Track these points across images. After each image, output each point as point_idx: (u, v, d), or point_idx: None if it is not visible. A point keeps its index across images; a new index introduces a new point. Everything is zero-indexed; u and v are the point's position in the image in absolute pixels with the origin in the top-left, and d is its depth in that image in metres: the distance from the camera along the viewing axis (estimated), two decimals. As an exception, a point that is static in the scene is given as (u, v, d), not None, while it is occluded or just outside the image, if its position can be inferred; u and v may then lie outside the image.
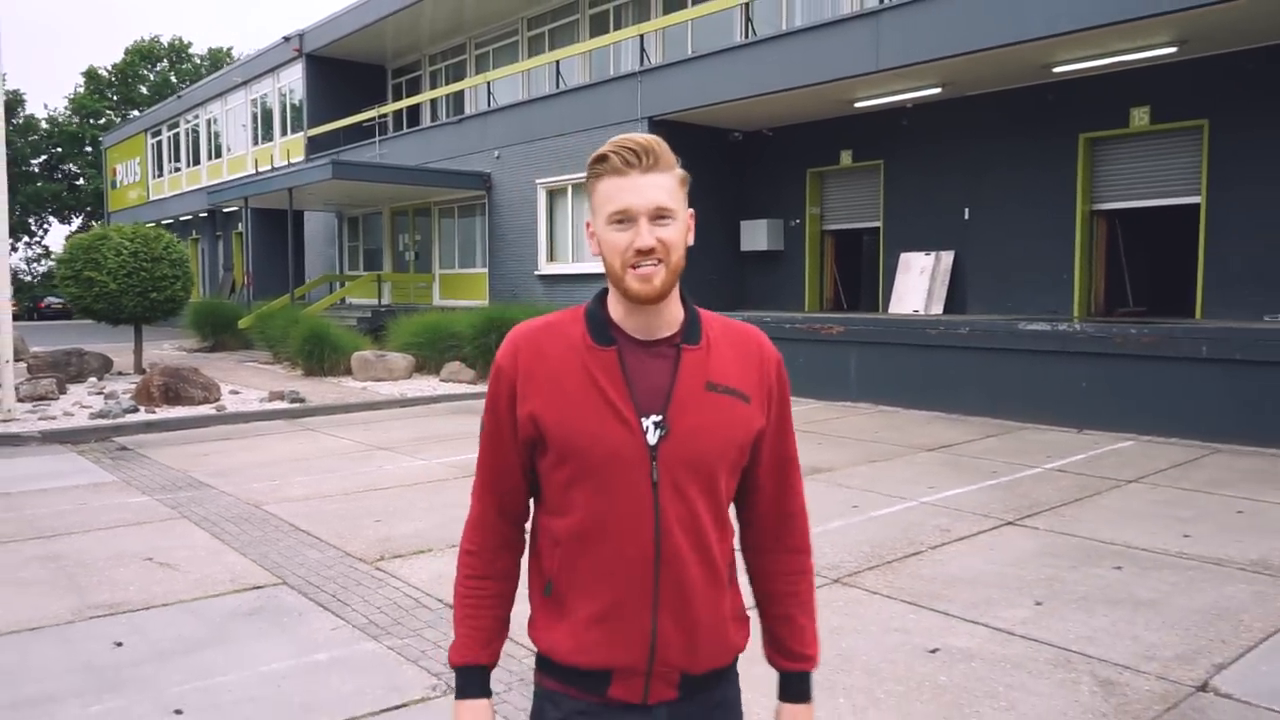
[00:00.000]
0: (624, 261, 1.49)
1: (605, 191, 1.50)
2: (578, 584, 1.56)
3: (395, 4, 22.24)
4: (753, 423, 1.60)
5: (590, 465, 1.51)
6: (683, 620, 1.55)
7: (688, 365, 1.55)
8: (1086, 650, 4.21)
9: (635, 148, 1.50)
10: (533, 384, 1.55)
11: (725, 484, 1.60)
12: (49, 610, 4.66)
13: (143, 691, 3.72)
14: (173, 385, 11.89)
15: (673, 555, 1.53)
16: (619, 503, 1.52)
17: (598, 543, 1.53)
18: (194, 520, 6.48)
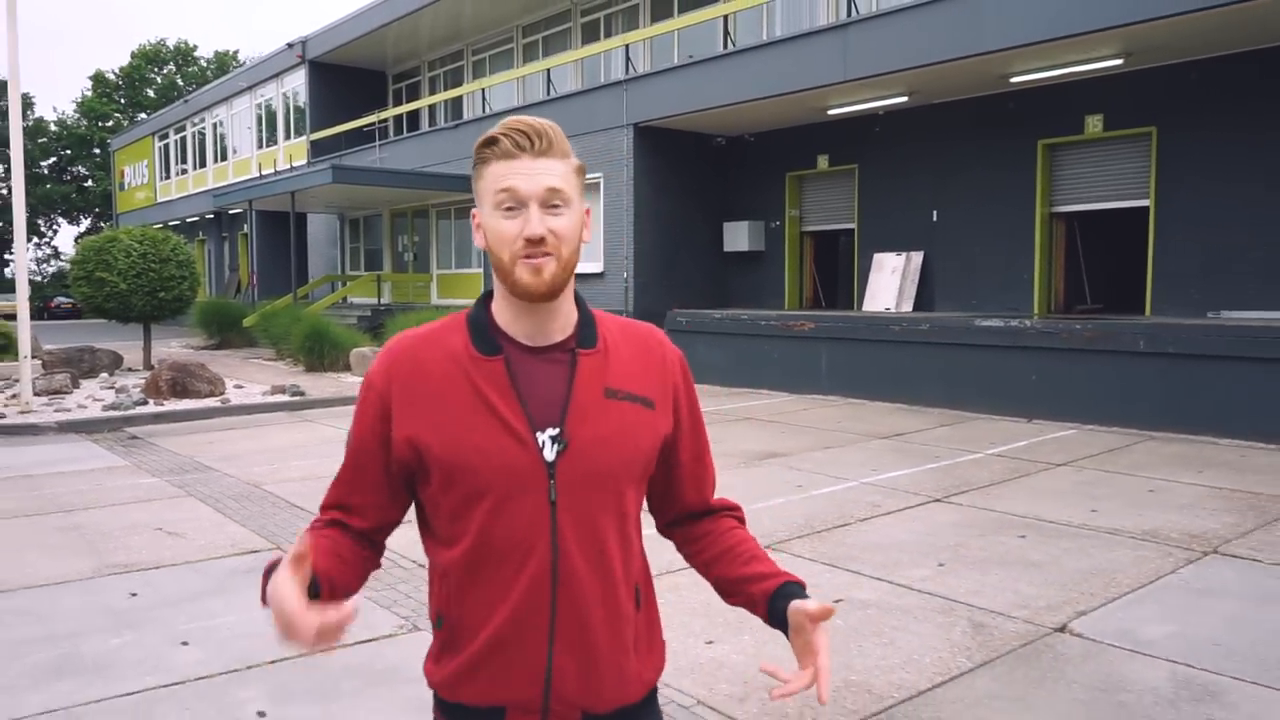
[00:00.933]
0: (513, 253, 1.36)
1: (493, 174, 1.38)
2: (468, 615, 1.42)
3: (395, 12, 22.93)
4: (659, 429, 1.50)
5: (480, 488, 1.38)
6: (581, 652, 1.42)
7: (584, 371, 1.43)
8: (970, 601, 4.86)
9: (527, 130, 1.38)
10: (410, 404, 1.40)
11: (633, 497, 1.49)
12: (73, 568, 5.35)
13: (155, 629, 4.40)
14: (180, 379, 12.59)
15: (571, 581, 1.40)
16: (514, 526, 1.38)
17: (489, 570, 1.40)
18: (199, 498, 7.17)
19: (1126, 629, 4.45)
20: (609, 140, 16.05)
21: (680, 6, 18.12)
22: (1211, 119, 11.13)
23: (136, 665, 3.96)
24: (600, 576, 1.43)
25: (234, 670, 3.90)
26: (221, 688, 3.75)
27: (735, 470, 8.05)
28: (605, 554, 1.43)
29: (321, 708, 3.59)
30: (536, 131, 1.38)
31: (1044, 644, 4.30)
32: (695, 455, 1.61)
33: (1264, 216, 10.71)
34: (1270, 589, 4.99)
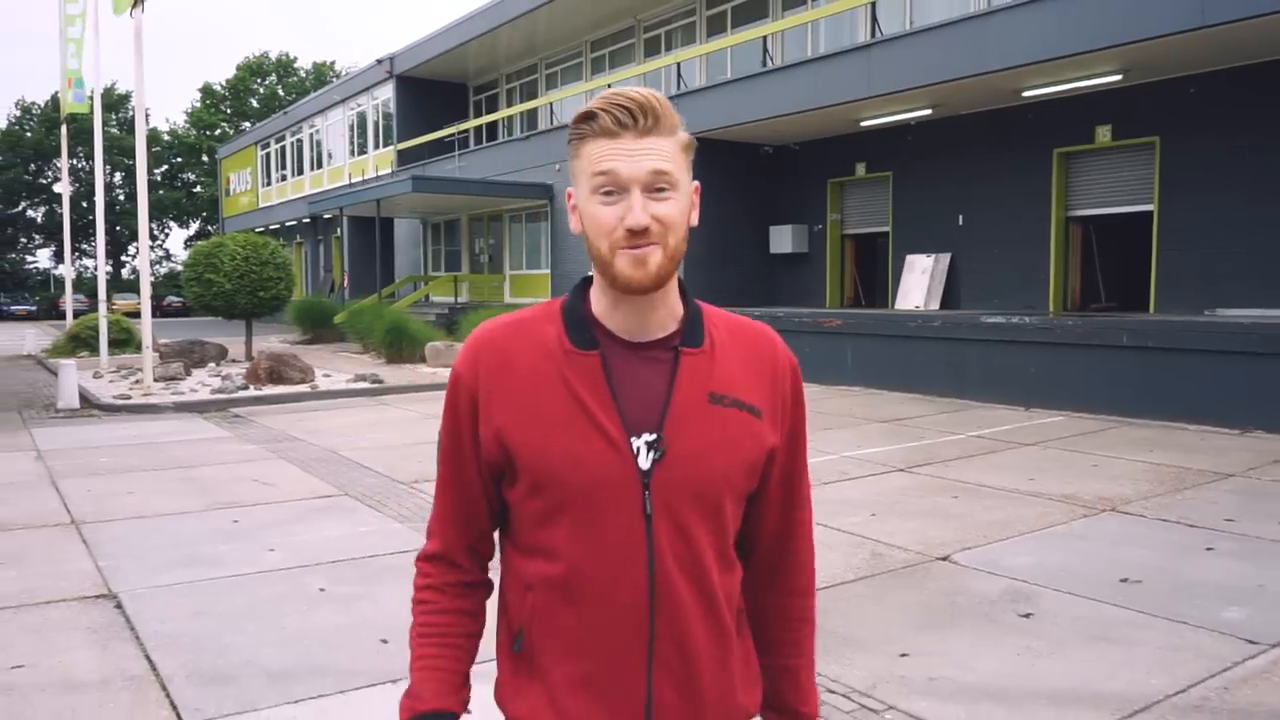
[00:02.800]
0: (612, 243, 1.24)
1: (591, 155, 1.25)
2: (555, 639, 1.30)
3: (476, 30, 24.65)
4: (764, 441, 1.35)
5: (569, 496, 1.26)
6: (684, 683, 1.29)
7: (687, 372, 1.30)
8: (881, 539, 6.06)
9: (630, 105, 1.24)
10: (498, 398, 1.30)
11: (731, 514, 1.35)
12: (190, 505, 6.94)
13: (250, 542, 5.91)
14: (276, 368, 14.36)
15: (671, 603, 1.27)
16: (605, 541, 1.26)
17: (579, 589, 1.28)
18: (288, 459, 8.77)
19: (994, 559, 5.60)
20: (661, 151, 17.35)
21: (733, 22, 19.35)
22: (1208, 130, 11.91)
23: (236, 561, 5.47)
24: (702, 598, 1.29)
25: (304, 565, 5.38)
26: (295, 575, 5.22)
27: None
28: (705, 573, 1.30)
29: (364, 588, 5.03)
30: (640, 106, 1.24)
31: (921, 568, 5.49)
32: (788, 480, 1.43)
33: (1257, 221, 11.47)
34: (1133, 534, 6.07)
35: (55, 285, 53.73)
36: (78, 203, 50.06)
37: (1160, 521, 6.36)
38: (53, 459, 8.78)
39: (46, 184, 58.70)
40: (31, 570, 5.31)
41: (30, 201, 59.55)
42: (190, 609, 4.67)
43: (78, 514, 6.63)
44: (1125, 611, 4.67)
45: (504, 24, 23.47)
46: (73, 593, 4.93)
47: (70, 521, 6.44)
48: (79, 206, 50.23)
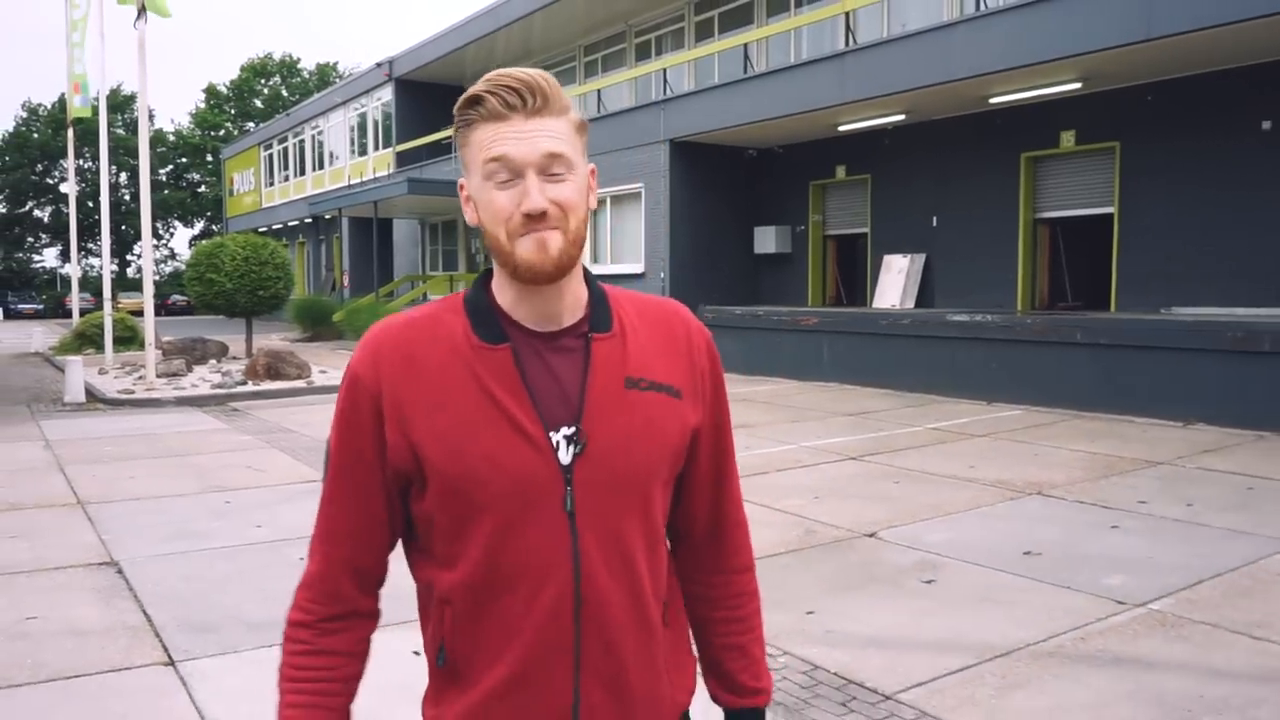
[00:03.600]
0: (509, 230, 1.17)
1: (480, 141, 1.18)
2: (478, 647, 1.24)
3: (473, 34, 25.21)
4: (687, 421, 1.30)
5: (487, 499, 1.19)
6: (612, 682, 1.24)
7: (600, 359, 1.24)
8: (818, 518, 6.61)
9: (517, 85, 1.16)
10: (405, 400, 1.20)
11: (660, 501, 1.30)
12: (185, 487, 7.51)
13: (239, 519, 6.49)
14: (274, 365, 14.95)
15: (597, 602, 1.22)
16: (527, 543, 1.20)
17: (501, 594, 1.21)
18: (280, 449, 9.34)
19: (916, 535, 6.15)
20: (650, 154, 17.93)
21: (720, 28, 19.90)
22: (1165, 135, 12.43)
23: (225, 536, 6.05)
24: (628, 594, 1.25)
25: (286, 539, 5.94)
26: (278, 546, 5.79)
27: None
28: (633, 568, 1.26)
29: (339, 558, 5.59)
30: (528, 86, 1.17)
31: (848, 543, 6.04)
32: (716, 457, 1.39)
33: (1210, 223, 11.99)
34: (1049, 514, 6.61)
35: (61, 284, 54.47)
36: (83, 202, 50.78)
37: (1078, 504, 6.90)
38: (60, 448, 9.37)
39: (53, 184, 59.48)
40: (42, 542, 5.90)
41: (37, 201, 60.30)
42: (182, 574, 5.24)
43: (83, 495, 7.22)
44: (1018, 579, 5.21)
45: (500, 28, 24.03)
46: (79, 560, 5.51)
47: (76, 502, 7.02)
48: (84, 206, 50.93)
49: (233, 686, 3.79)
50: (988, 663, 4.09)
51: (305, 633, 1.28)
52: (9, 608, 4.69)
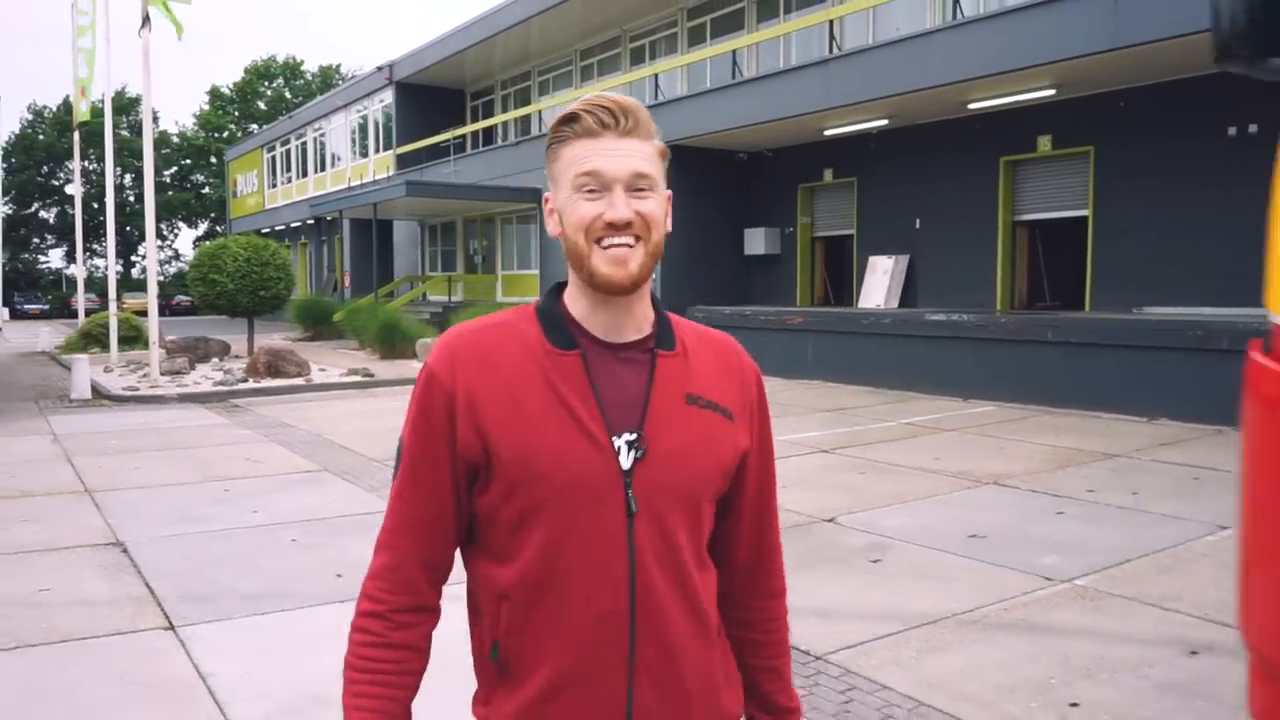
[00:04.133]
0: (590, 237, 1.24)
1: (573, 155, 1.26)
2: (532, 645, 1.27)
3: (472, 39, 25.63)
4: (739, 443, 1.36)
5: (548, 495, 1.24)
6: (666, 684, 1.28)
7: (664, 373, 1.31)
8: (785, 505, 6.93)
9: (612, 106, 1.26)
10: (480, 397, 1.26)
11: (707, 516, 1.35)
12: (186, 477, 7.93)
13: (237, 505, 6.89)
14: (274, 363, 15.37)
15: (653, 604, 1.26)
16: (586, 541, 1.24)
17: (557, 591, 1.25)
18: (278, 442, 9.76)
19: (872, 521, 6.55)
20: (640, 157, 18.30)
21: (712, 33, 20.31)
22: (1136, 140, 12.81)
23: (224, 519, 6.46)
24: (683, 599, 1.29)
25: (281, 523, 6.36)
26: (272, 529, 6.20)
27: (687, 431, 10.26)
28: (685, 573, 1.30)
29: (330, 539, 6.00)
30: (622, 109, 1.26)
31: (807, 527, 6.43)
32: (762, 484, 1.45)
33: (1181, 225, 12.37)
34: (1001, 502, 7.00)
35: (67, 285, 54.96)
36: (89, 204, 51.30)
37: (1031, 492, 7.29)
38: (67, 441, 9.79)
39: (58, 186, 59.98)
40: (52, 525, 6.31)
41: (42, 203, 60.82)
42: (183, 553, 5.65)
43: (90, 484, 7.64)
44: (960, 559, 5.61)
45: (498, 33, 24.44)
46: (86, 541, 5.93)
47: (84, 490, 7.44)
48: (89, 207, 51.43)
49: (226, 648, 4.19)
50: (915, 629, 4.49)
51: (378, 624, 1.29)
52: (24, 580, 5.10)
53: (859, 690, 3.87)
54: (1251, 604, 1.60)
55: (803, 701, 3.91)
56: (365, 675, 1.28)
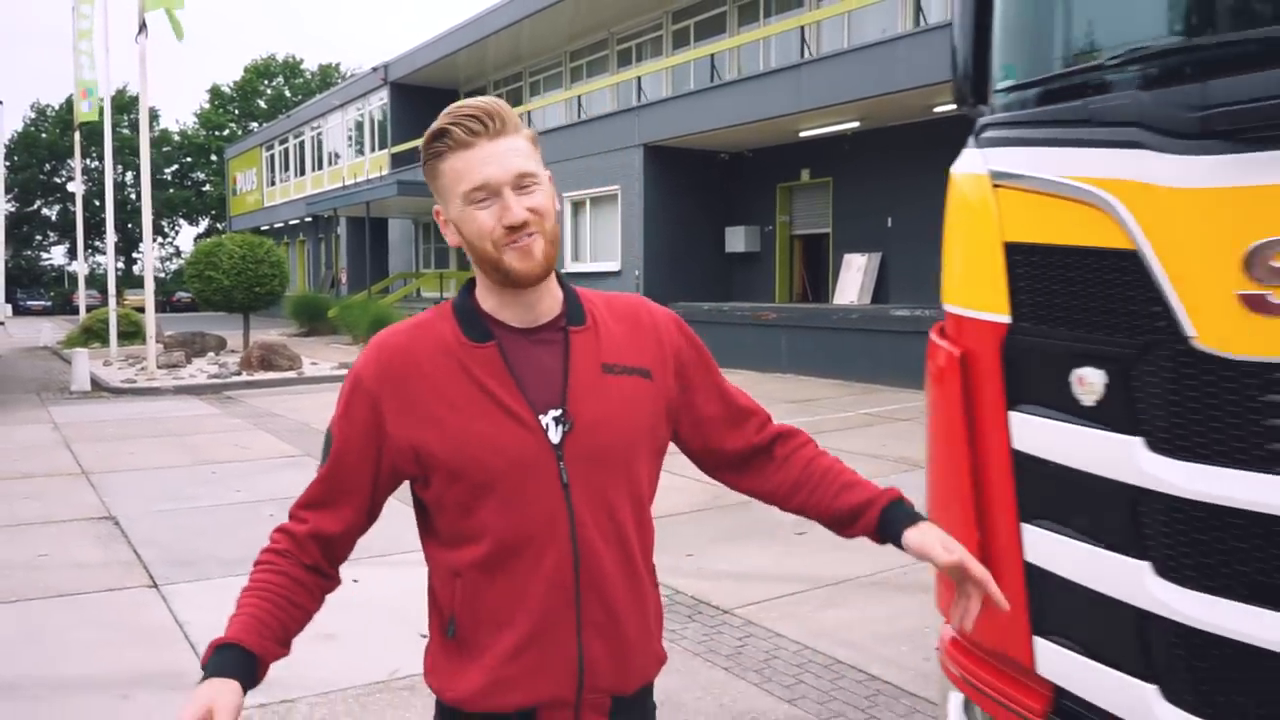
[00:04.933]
0: (495, 242, 1.32)
1: (455, 169, 1.32)
2: (486, 616, 1.37)
3: (464, 40, 26.17)
4: (660, 399, 1.46)
5: (489, 479, 1.33)
6: (611, 638, 1.40)
7: (579, 348, 1.40)
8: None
9: (478, 113, 1.31)
10: (407, 404, 1.34)
11: (647, 472, 1.47)
12: (177, 461, 8.50)
13: (223, 486, 7.46)
14: (267, 357, 15.93)
15: (594, 566, 1.37)
16: (529, 515, 1.34)
17: (507, 564, 1.35)
18: (266, 430, 10.32)
19: (806, 499, 7.09)
20: (625, 157, 18.87)
21: (695, 36, 20.84)
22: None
23: (209, 498, 7.03)
24: (620, 556, 1.40)
25: (261, 500, 6.93)
26: (253, 506, 6.77)
27: (654, 420, 10.81)
28: (623, 532, 1.41)
29: (304, 515, 6.56)
30: (487, 113, 1.31)
31: (745, 505, 6.88)
32: (722, 402, 1.56)
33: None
34: (929, 483, 7.54)
35: (68, 281, 55.58)
36: (90, 201, 51.86)
37: (961, 474, 7.83)
38: (67, 429, 10.36)
39: (60, 183, 60.60)
40: (50, 502, 6.88)
41: (45, 200, 61.44)
42: (170, 526, 6.22)
43: (87, 467, 8.21)
44: (877, 531, 6.15)
45: (490, 35, 24.97)
46: (82, 515, 6.50)
47: (81, 472, 8.01)
48: (90, 205, 52.01)
49: (203, 602, 4.75)
50: (818, 589, 5.04)
51: (274, 557, 1.40)
52: (24, 548, 5.67)
53: (754, 637, 4.42)
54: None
55: (702, 645, 4.50)
56: (253, 593, 1.37)
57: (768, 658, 4.19)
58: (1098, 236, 1.70)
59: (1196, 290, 1.55)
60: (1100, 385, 1.71)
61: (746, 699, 3.80)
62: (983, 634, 2.04)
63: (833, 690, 3.86)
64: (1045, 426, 1.83)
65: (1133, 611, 1.67)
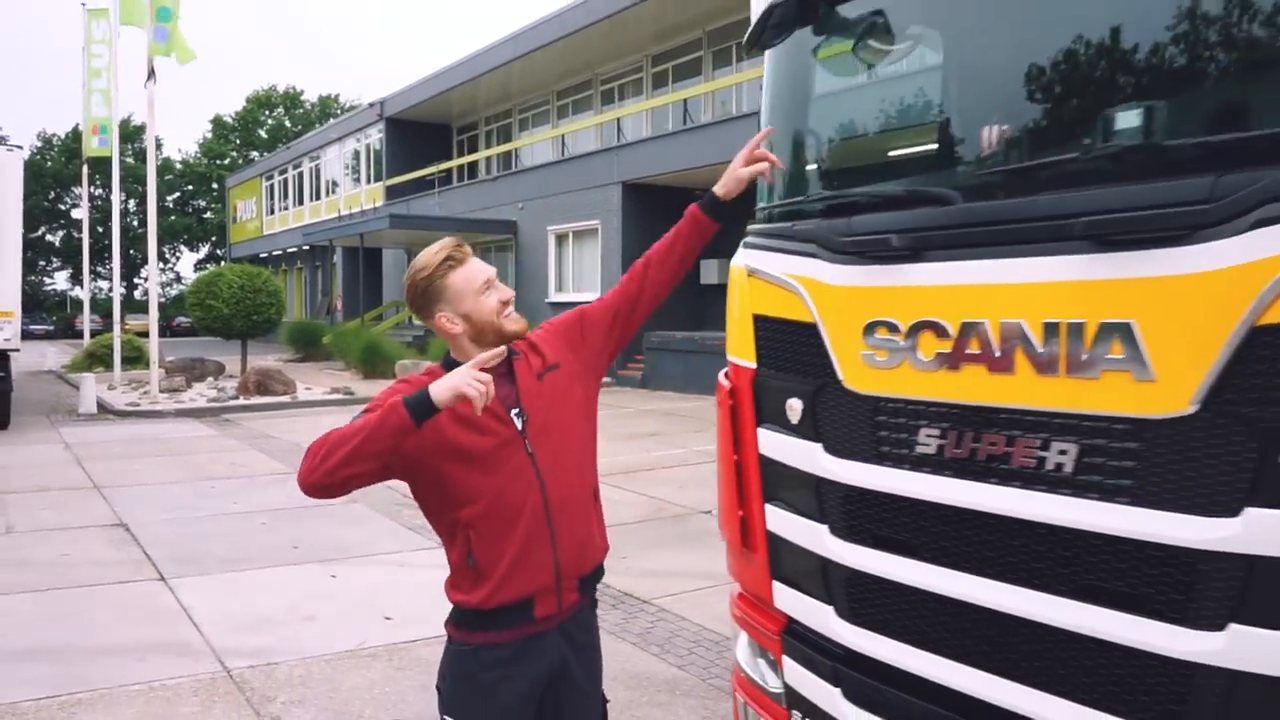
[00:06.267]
0: (498, 314, 2.14)
1: (464, 277, 2.13)
2: (491, 550, 2.11)
3: (457, 79, 27.25)
4: (574, 375, 2.30)
5: (486, 454, 2.10)
6: (572, 543, 2.19)
7: (521, 369, 2.20)
8: (673, 501, 8.41)
9: (461, 245, 2.19)
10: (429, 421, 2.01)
11: (583, 430, 2.31)
12: (179, 477, 9.39)
13: (220, 500, 8.35)
14: (263, 382, 16.83)
15: (556, 500, 2.16)
16: (512, 481, 2.11)
17: (501, 514, 2.11)
18: (260, 450, 11.22)
19: (739, 512, 7.98)
20: (605, 194, 19.88)
21: (673, 78, 21.92)
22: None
23: (210, 509, 7.92)
24: (573, 491, 2.21)
25: (254, 511, 7.82)
26: (247, 516, 7.66)
27: (622, 441, 11.70)
28: (571, 476, 2.22)
29: (293, 524, 7.45)
30: (459, 244, 2.20)
31: (684, 517, 7.85)
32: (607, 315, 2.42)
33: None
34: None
35: (71, 306, 56.51)
36: (93, 227, 52.77)
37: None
38: (78, 448, 11.25)
39: (65, 210, 61.64)
40: (68, 512, 7.77)
41: (49, 226, 62.50)
42: (174, 532, 7.11)
43: (98, 481, 9.10)
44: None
45: (482, 74, 26.05)
46: (96, 522, 7.39)
47: (93, 486, 8.90)
48: (94, 231, 52.96)
49: (204, 591, 5.64)
50: (726, 585, 5.89)
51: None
52: (47, 549, 6.56)
53: (664, 621, 5.31)
54: (721, 512, 3.05)
55: (618, 627, 5.37)
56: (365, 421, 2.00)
57: (670, 635, 5.08)
58: (797, 313, 2.61)
59: (842, 350, 2.46)
60: (800, 410, 2.62)
61: (646, 665, 4.69)
62: (747, 584, 2.94)
63: (717, 660, 4.75)
64: (775, 438, 2.73)
65: (818, 559, 2.56)
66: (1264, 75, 1.85)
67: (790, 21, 2.76)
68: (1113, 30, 2.06)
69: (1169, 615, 1.79)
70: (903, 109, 2.71)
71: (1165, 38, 1.97)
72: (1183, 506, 1.77)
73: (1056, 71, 2.16)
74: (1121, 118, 1.99)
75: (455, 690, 2.21)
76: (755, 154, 2.57)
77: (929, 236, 2.24)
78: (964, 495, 2.14)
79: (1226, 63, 1.92)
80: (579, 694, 2.31)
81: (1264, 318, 1.66)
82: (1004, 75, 2.28)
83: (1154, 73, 2.00)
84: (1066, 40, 2.12)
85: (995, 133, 2.29)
